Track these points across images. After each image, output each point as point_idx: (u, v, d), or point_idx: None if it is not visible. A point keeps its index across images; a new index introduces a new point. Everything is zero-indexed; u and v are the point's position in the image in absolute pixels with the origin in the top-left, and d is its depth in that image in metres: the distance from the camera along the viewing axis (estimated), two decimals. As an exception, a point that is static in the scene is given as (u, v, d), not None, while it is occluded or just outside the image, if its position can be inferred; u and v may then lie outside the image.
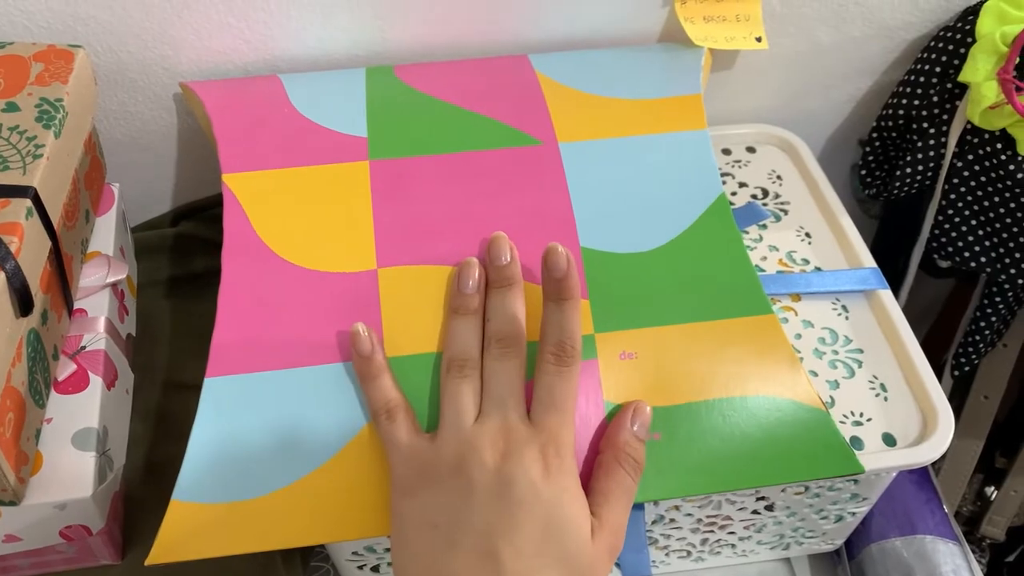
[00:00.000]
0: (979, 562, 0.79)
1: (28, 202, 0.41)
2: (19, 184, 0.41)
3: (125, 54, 0.52)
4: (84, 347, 0.47)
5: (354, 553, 0.46)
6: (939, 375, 0.69)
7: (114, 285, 0.50)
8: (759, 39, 0.55)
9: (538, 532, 0.35)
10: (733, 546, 0.52)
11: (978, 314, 0.64)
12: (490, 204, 0.46)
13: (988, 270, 0.60)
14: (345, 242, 0.45)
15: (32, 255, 0.41)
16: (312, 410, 0.40)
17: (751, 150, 0.60)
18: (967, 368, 0.67)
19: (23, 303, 0.40)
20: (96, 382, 0.45)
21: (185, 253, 0.59)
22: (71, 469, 0.42)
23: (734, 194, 0.57)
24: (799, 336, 0.48)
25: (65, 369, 0.45)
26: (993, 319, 0.63)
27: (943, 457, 0.73)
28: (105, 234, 0.52)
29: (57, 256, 0.44)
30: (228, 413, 0.40)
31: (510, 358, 0.39)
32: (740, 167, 0.59)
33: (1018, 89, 0.52)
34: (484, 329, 0.41)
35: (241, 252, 0.44)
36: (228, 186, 0.46)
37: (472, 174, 0.47)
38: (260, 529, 0.38)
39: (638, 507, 0.46)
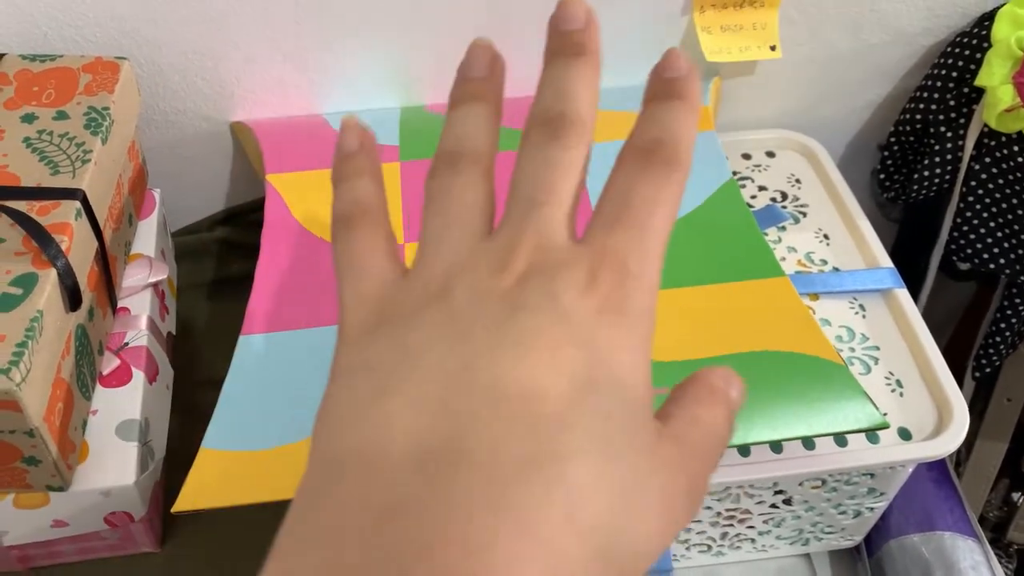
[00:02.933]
0: (1006, 568, 0.79)
1: (77, 204, 0.43)
2: (69, 187, 0.43)
3: (167, 66, 0.55)
4: (127, 343, 0.49)
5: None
6: (961, 378, 0.70)
7: (155, 285, 0.53)
8: (773, 48, 0.57)
9: (575, 378, 0.19)
10: (753, 540, 0.53)
11: (998, 316, 0.64)
12: None
13: (1007, 272, 0.61)
14: None
15: (80, 254, 0.43)
16: None
17: (771, 155, 0.62)
18: (988, 371, 0.67)
19: (72, 299, 0.42)
20: (139, 376, 0.47)
21: (223, 257, 0.61)
22: (115, 458, 0.44)
23: (754, 197, 0.58)
24: (816, 334, 0.50)
25: (110, 364, 0.48)
26: (1014, 321, 0.64)
27: (966, 460, 0.74)
28: (147, 237, 0.54)
29: (103, 256, 0.47)
30: (258, 367, 0.43)
31: (561, 147, 0.24)
32: (760, 171, 0.60)
33: (1033, 92, 0.53)
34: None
35: (279, 231, 0.48)
36: (271, 183, 0.51)
37: (498, 172, 0.50)
38: (287, 478, 0.39)
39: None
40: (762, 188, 0.59)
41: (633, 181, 0.23)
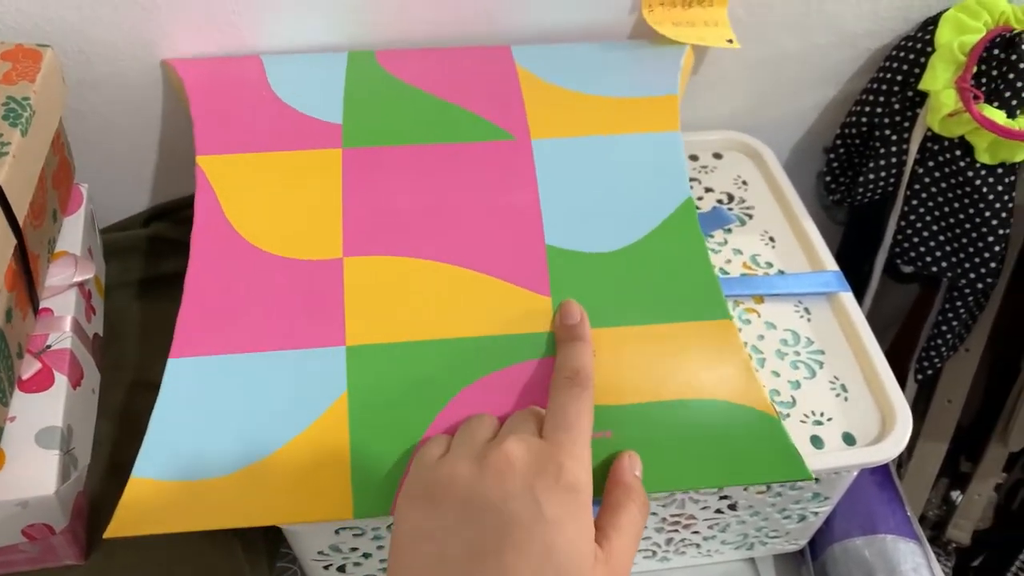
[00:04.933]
0: (945, 566, 0.80)
1: (-9, 199, 0.41)
2: (-16, 181, 0.41)
3: (94, 55, 0.52)
4: (50, 346, 0.47)
5: (320, 552, 0.46)
6: (904, 380, 0.70)
7: (81, 285, 0.50)
8: (730, 40, 0.56)
9: (536, 554, 0.33)
10: (698, 546, 0.53)
11: (940, 319, 0.65)
12: (460, 198, 0.47)
13: (949, 275, 0.61)
14: (313, 229, 0.46)
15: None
16: (272, 394, 0.41)
17: (718, 156, 0.61)
18: (930, 372, 0.68)
19: (-14, 299, 0.40)
20: (61, 381, 0.45)
21: (156, 255, 0.59)
22: (34, 467, 0.42)
23: (700, 199, 0.58)
24: (762, 337, 0.49)
25: (30, 368, 0.45)
26: (955, 323, 0.64)
27: (908, 461, 0.74)
28: (73, 234, 0.52)
29: (23, 254, 0.44)
30: (189, 394, 0.41)
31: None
32: (707, 172, 0.60)
33: (975, 97, 0.53)
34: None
35: (210, 235, 0.45)
36: (202, 168, 0.47)
37: (444, 167, 0.48)
38: (216, 508, 0.39)
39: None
40: (708, 190, 0.58)
41: (567, 400, 0.38)
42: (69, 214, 0.52)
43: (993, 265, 0.59)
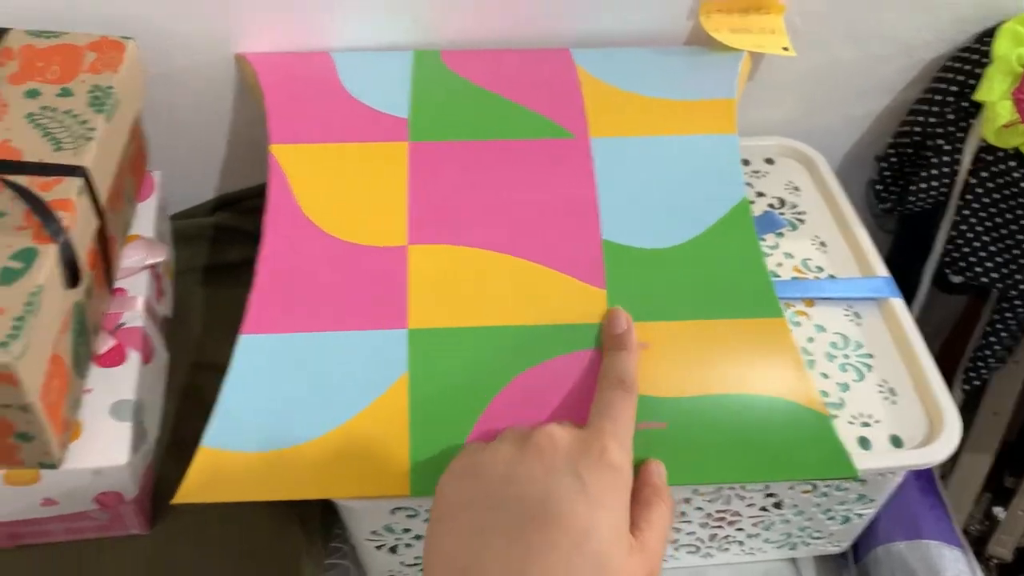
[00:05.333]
0: (986, 582, 0.79)
1: (80, 181, 0.43)
2: (71, 164, 0.43)
3: (174, 48, 0.54)
4: (123, 324, 0.49)
5: (373, 532, 0.47)
6: (950, 391, 0.70)
7: (152, 268, 0.52)
8: (786, 48, 0.57)
9: (577, 530, 0.33)
10: (741, 543, 0.53)
11: (988, 329, 0.65)
12: (520, 192, 0.49)
13: (999, 286, 0.61)
14: (379, 218, 0.47)
15: (81, 231, 0.43)
16: (336, 372, 0.43)
17: (770, 162, 0.62)
18: (977, 383, 0.67)
19: (72, 275, 0.42)
20: (134, 357, 0.47)
21: (222, 243, 0.61)
22: (108, 437, 0.44)
23: (752, 203, 0.58)
24: (811, 340, 0.50)
25: (105, 343, 0.47)
26: (1004, 335, 0.64)
27: (951, 472, 0.74)
28: (146, 219, 0.54)
29: (102, 235, 0.46)
30: (258, 369, 0.43)
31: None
32: (759, 178, 0.61)
33: (1032, 108, 0.54)
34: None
35: (282, 220, 0.47)
36: (275, 156, 0.49)
37: (505, 162, 0.50)
38: (279, 480, 0.40)
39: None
40: (760, 194, 0.59)
41: (613, 396, 0.40)
42: (143, 200, 0.55)
43: (1045, 277, 0.59)
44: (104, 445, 0.43)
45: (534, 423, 0.39)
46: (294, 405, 0.42)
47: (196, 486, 0.40)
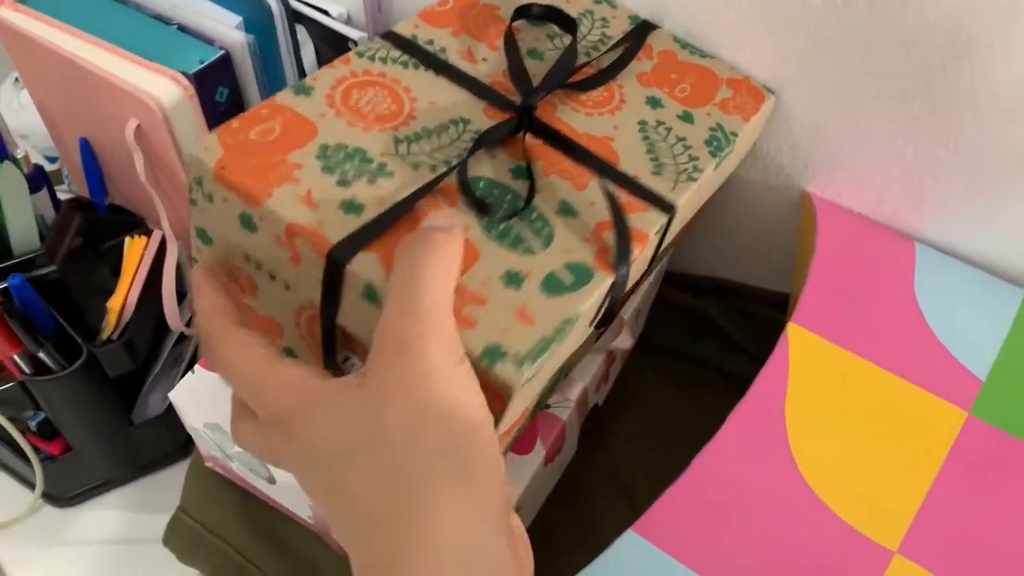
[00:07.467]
0: None
1: (664, 219, 0.33)
2: (665, 197, 0.33)
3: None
4: (549, 405, 0.39)
5: None
6: None
7: (611, 352, 0.42)
8: None
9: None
10: None
11: None
12: None
13: None
14: (878, 493, 0.34)
15: (634, 273, 0.33)
16: None
17: None
18: None
19: (607, 316, 0.32)
20: (538, 452, 0.37)
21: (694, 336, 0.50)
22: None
23: None
24: None
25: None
26: None
27: None
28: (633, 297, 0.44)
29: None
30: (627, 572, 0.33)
31: None
32: None
33: None
34: None
35: (758, 421, 0.35)
36: (789, 335, 0.37)
37: None
38: None
39: None
40: None
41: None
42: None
43: None
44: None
45: None
46: None
47: None
